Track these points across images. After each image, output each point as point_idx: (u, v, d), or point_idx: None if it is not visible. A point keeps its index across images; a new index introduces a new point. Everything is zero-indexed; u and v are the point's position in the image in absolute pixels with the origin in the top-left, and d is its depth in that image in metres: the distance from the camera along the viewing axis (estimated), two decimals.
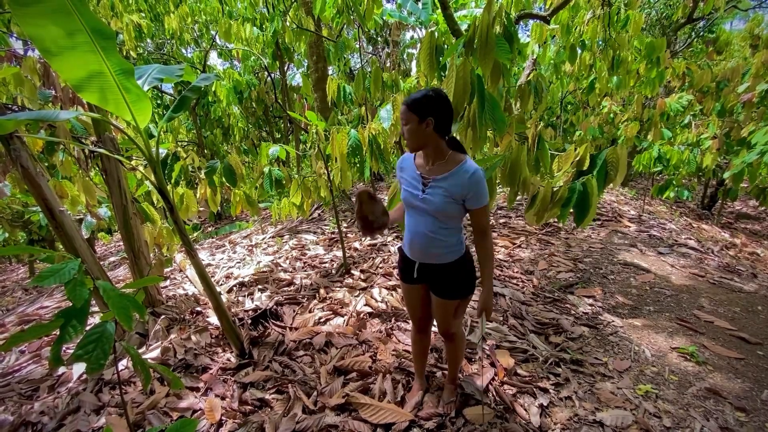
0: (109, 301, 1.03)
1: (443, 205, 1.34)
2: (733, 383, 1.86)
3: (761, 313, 2.46)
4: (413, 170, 1.41)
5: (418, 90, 1.33)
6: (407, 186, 1.43)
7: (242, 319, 2.53)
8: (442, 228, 1.39)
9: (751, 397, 1.78)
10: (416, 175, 1.40)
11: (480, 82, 1.73)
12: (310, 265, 3.61)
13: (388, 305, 2.66)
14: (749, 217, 7.50)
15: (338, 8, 3.81)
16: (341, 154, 2.38)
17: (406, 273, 1.57)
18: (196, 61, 7.24)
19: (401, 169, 1.47)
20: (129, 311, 1.08)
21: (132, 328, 1.39)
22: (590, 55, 4.83)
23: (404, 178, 1.45)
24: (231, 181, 2.96)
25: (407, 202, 1.44)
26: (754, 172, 4.53)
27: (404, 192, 1.44)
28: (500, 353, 2.08)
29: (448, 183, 1.32)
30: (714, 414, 1.69)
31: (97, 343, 1.08)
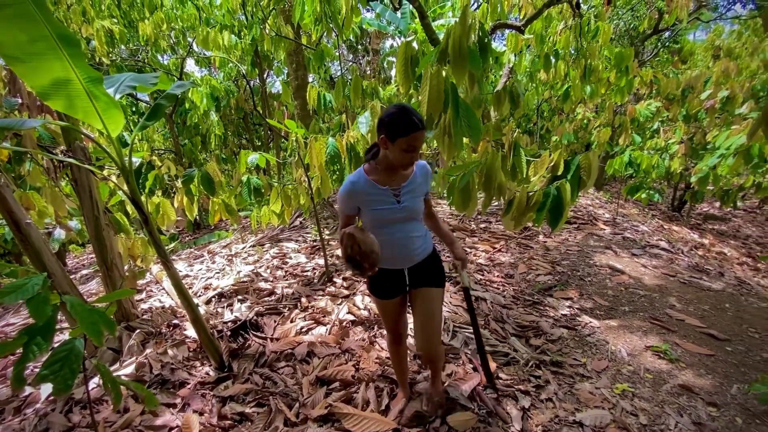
0: (77, 316, 0.99)
1: (419, 205, 1.47)
2: (705, 379, 1.93)
3: (728, 311, 2.56)
4: (378, 189, 1.41)
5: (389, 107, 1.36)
6: (379, 206, 1.41)
7: (221, 331, 2.46)
8: (419, 224, 1.52)
9: (722, 392, 1.85)
10: (384, 190, 1.41)
11: (454, 91, 1.77)
12: (292, 274, 3.56)
13: (370, 312, 2.65)
14: (716, 218, 7.86)
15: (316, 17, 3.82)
16: (319, 162, 2.37)
17: (390, 289, 1.55)
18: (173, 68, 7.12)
19: (363, 193, 1.41)
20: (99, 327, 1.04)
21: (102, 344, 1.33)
22: (563, 64, 4.99)
23: (370, 200, 1.41)
24: (209, 189, 2.91)
25: (384, 219, 1.43)
26: (716, 176, 4.75)
27: (377, 212, 1.42)
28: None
29: (415, 184, 1.45)
30: (687, 410, 1.75)
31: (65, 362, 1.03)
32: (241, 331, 2.51)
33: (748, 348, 2.17)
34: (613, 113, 6.58)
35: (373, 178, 1.42)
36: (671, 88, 6.23)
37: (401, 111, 1.29)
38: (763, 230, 7.37)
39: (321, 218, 5.20)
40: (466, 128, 1.85)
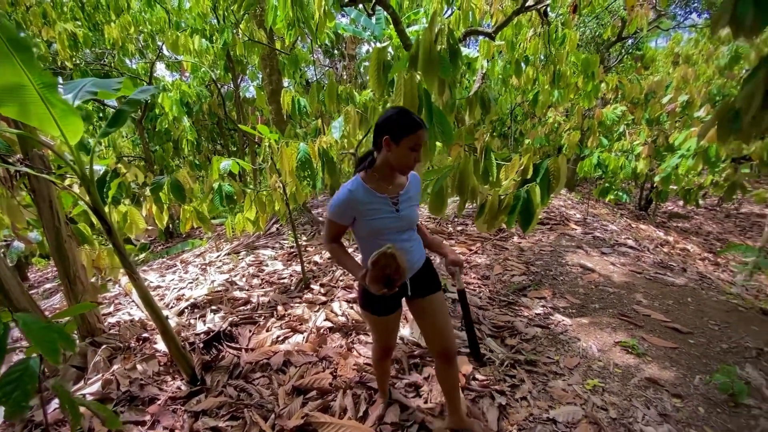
0: (31, 335, 0.94)
1: (415, 213, 1.45)
2: (669, 371, 2.01)
3: (691, 305, 2.69)
4: (376, 197, 1.36)
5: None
6: (378, 215, 1.36)
7: (193, 343, 2.39)
8: (414, 233, 1.50)
9: (686, 384, 1.93)
10: (383, 198, 1.37)
11: (427, 96, 1.79)
12: (268, 282, 3.50)
13: (348, 318, 2.63)
14: (680, 216, 8.24)
15: (289, 21, 3.80)
16: (290, 168, 2.35)
17: (391, 304, 1.48)
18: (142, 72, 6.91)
19: (361, 202, 1.34)
20: (55, 345, 0.99)
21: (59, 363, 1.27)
22: (533, 69, 5.14)
23: (369, 209, 1.35)
24: (179, 197, 2.83)
25: (385, 228, 1.37)
26: (678, 175, 4.99)
27: (376, 221, 1.35)
28: (459, 359, 2.12)
29: (411, 192, 1.44)
30: (654, 402, 1.81)
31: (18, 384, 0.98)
32: (214, 342, 2.45)
33: (709, 340, 2.28)
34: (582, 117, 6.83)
35: (371, 186, 1.36)
36: (635, 92, 6.51)
37: (403, 111, 1.29)
38: (722, 227, 7.78)
39: (298, 224, 5.14)
40: (439, 133, 1.88)
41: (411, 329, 2.45)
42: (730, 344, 2.23)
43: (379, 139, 1.31)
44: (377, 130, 1.32)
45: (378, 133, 1.32)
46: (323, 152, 2.40)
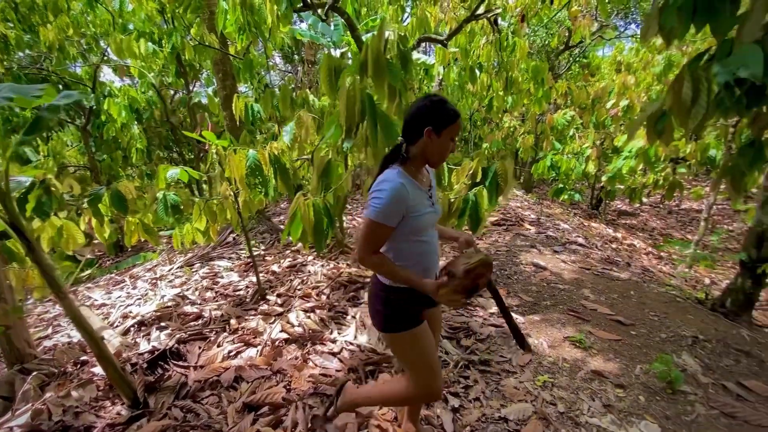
0: None
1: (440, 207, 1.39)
2: (613, 363, 2.10)
3: (633, 297, 2.84)
4: (420, 190, 1.27)
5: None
6: (423, 209, 1.25)
7: (136, 364, 2.24)
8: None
9: (628, 374, 2.03)
10: (424, 192, 1.28)
11: (371, 102, 1.79)
12: (223, 294, 3.36)
13: (305, 328, 2.57)
14: (628, 213, 8.76)
15: (240, 26, 3.70)
16: (239, 175, 2.27)
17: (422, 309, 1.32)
18: (86, 77, 6.50)
19: (412, 196, 1.21)
20: None
21: None
22: (486, 76, 5.31)
23: (417, 204, 1.23)
24: (121, 208, 2.66)
25: (428, 224, 1.28)
26: (622, 176, 5.31)
27: (422, 218, 1.24)
28: None
29: (434, 185, 1.39)
30: (598, 394, 1.89)
31: None
32: (159, 361, 2.31)
33: (650, 330, 2.41)
34: (536, 122, 7.13)
35: (412, 178, 1.26)
36: (582, 98, 6.88)
37: (441, 100, 1.22)
38: (665, 222, 8.34)
39: (256, 233, 5.00)
40: (385, 140, 1.88)
41: (369, 336, 2.42)
42: (669, 334, 2.37)
43: (416, 130, 1.22)
44: (413, 121, 1.22)
45: (416, 123, 1.22)
46: (274, 159, 2.33)
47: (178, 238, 3.05)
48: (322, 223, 1.91)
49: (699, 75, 1.31)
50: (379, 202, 1.16)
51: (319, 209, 1.92)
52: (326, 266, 3.60)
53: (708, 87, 1.29)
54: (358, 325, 2.55)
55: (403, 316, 1.28)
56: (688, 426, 1.70)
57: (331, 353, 2.30)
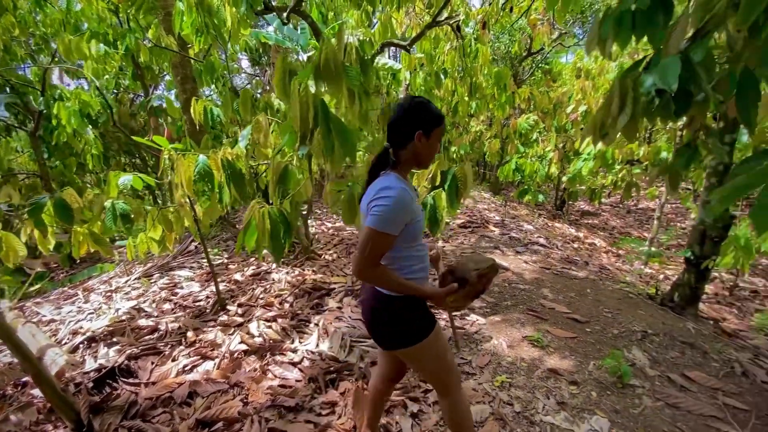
0: None
1: None
2: (568, 360, 2.16)
3: (589, 295, 2.95)
4: (414, 193, 1.24)
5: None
6: (420, 214, 1.23)
7: (80, 384, 2.11)
8: None
9: (581, 370, 2.09)
10: (415, 196, 1.25)
11: (324, 107, 1.77)
12: (181, 306, 3.23)
13: (265, 338, 2.50)
14: (590, 213, 9.12)
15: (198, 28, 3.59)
16: (187, 182, 2.19)
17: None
18: (36, 79, 6.12)
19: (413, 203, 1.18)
20: None
21: None
22: (451, 81, 5.40)
23: (416, 208, 1.21)
24: (66, 218, 2.51)
25: (422, 231, 1.26)
26: (582, 177, 5.53)
27: (419, 224, 1.22)
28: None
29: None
30: (553, 392, 1.93)
31: None
32: (108, 380, 2.18)
33: (603, 327, 2.50)
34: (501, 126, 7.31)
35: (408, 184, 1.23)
36: (544, 103, 7.13)
37: (424, 102, 1.20)
38: (624, 221, 8.74)
39: (220, 240, 4.85)
40: (339, 145, 1.86)
41: (331, 343, 2.39)
42: (620, 329, 2.46)
43: (405, 134, 1.19)
44: (402, 125, 1.20)
45: (404, 127, 1.19)
46: (227, 164, 2.26)
47: (132, 249, 2.91)
48: (278, 232, 1.87)
49: (627, 85, 1.38)
50: (384, 209, 1.10)
51: (275, 217, 1.87)
52: (291, 273, 3.53)
53: (634, 97, 1.36)
54: (320, 332, 2.51)
55: (423, 320, 1.22)
56: (635, 419, 1.77)
57: (292, 363, 2.25)
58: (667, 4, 1.43)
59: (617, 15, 1.48)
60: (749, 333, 3.03)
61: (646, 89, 1.24)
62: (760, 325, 2.89)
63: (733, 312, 3.58)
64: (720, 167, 2.80)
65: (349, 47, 2.31)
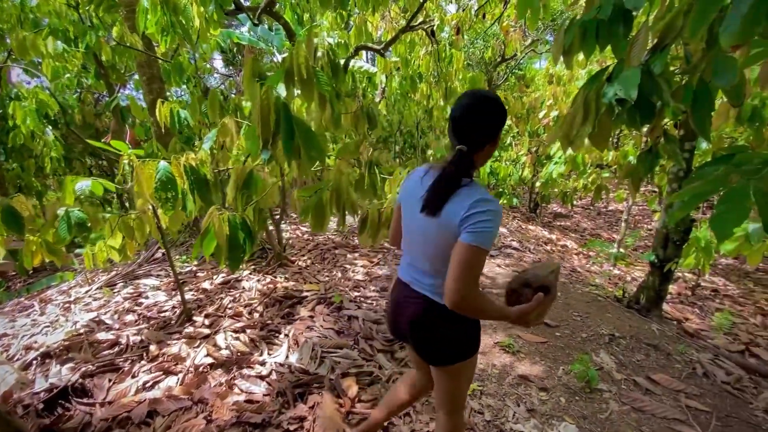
0: None
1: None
2: (538, 366, 2.18)
3: (560, 299, 2.99)
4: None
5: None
6: None
7: (29, 405, 1.96)
8: None
9: (551, 376, 2.11)
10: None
11: (286, 111, 1.71)
12: (145, 317, 3.08)
13: (233, 351, 2.41)
14: (563, 215, 9.35)
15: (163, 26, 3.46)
16: (148, 189, 2.09)
17: None
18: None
19: None
20: None
21: None
22: (426, 85, 5.42)
23: None
24: (15, 227, 2.35)
25: None
26: (554, 181, 5.66)
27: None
28: (347, 381, 2.05)
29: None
30: (523, 399, 1.94)
31: None
32: (60, 400, 2.04)
33: (573, 331, 2.54)
34: None
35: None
36: (518, 108, 7.26)
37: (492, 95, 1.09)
38: (595, 223, 9.00)
39: (189, 246, 4.68)
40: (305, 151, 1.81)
41: (300, 354, 2.32)
42: (589, 333, 2.51)
43: (489, 134, 1.09)
44: (488, 124, 1.08)
45: (488, 127, 1.09)
46: (190, 170, 2.17)
47: (89, 258, 2.76)
48: (237, 239, 1.79)
49: (590, 97, 1.40)
50: (492, 225, 1.00)
51: (235, 223, 1.80)
52: (262, 281, 3.44)
53: (596, 107, 1.38)
54: (290, 343, 2.44)
55: (477, 338, 1.20)
56: (602, 423, 1.79)
57: (259, 377, 2.17)
58: (626, 16, 1.46)
59: (581, 25, 1.50)
60: (710, 333, 3.15)
61: (608, 99, 1.26)
62: (719, 325, 3.01)
63: (695, 312, 3.72)
64: (680, 173, 2.90)
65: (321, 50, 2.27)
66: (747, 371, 2.35)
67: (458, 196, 1.05)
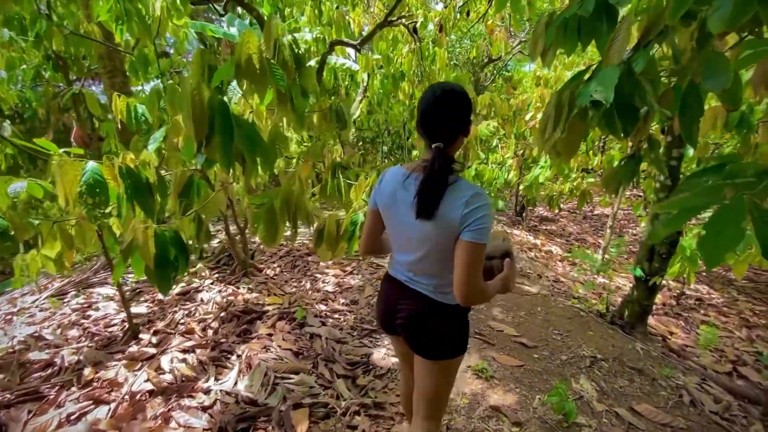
0: None
1: None
2: (513, 394, 1.98)
3: (540, 314, 2.81)
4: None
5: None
6: None
7: None
8: None
9: (525, 407, 1.91)
10: None
11: (222, 108, 1.48)
12: (91, 333, 2.80)
13: (176, 376, 2.16)
14: (549, 219, 9.24)
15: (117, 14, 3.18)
16: (72, 194, 1.82)
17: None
18: None
19: None
20: None
21: None
22: (409, 85, 5.21)
23: None
24: None
25: None
26: (539, 185, 5.51)
27: None
28: (298, 414, 1.82)
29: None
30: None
31: None
32: None
33: (551, 352, 2.35)
34: None
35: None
36: (504, 110, 7.10)
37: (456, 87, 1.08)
38: (581, 227, 8.92)
39: None
40: (250, 155, 1.57)
41: (251, 380, 2.08)
42: (569, 355, 2.32)
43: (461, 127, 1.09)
44: (458, 117, 1.07)
45: (459, 120, 1.08)
46: (127, 173, 1.91)
47: (19, 269, 2.47)
48: (167, 256, 1.55)
49: (563, 100, 1.21)
50: (488, 220, 1.03)
51: (164, 238, 1.56)
52: (224, 292, 3.18)
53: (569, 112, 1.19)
54: (242, 367, 2.20)
55: (468, 332, 1.25)
56: None
57: (201, 407, 1.93)
58: (610, 11, 1.28)
59: (560, 23, 1.33)
60: (696, 349, 3.00)
61: (581, 102, 1.06)
62: (705, 342, 2.86)
63: (680, 324, 3.58)
64: (668, 182, 2.74)
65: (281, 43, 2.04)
66: (735, 396, 2.20)
67: (450, 194, 1.05)
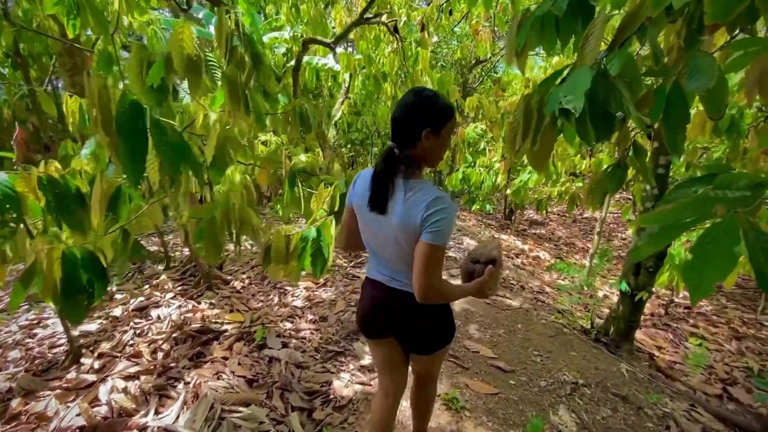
0: None
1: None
2: (484, 429, 1.78)
3: (519, 332, 2.62)
4: None
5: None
6: None
7: None
8: None
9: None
10: None
11: (133, 109, 1.27)
12: (33, 355, 2.56)
13: (113, 409, 1.93)
14: (538, 223, 9.12)
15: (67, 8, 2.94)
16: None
17: None
18: None
19: None
20: None
21: None
22: (391, 86, 5.02)
23: None
24: None
25: None
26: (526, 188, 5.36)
27: None
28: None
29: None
30: None
31: None
32: None
33: (530, 378, 2.17)
34: None
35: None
36: (493, 112, 6.95)
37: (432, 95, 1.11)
38: (570, 231, 8.81)
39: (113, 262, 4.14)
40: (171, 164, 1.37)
41: (193, 414, 1.86)
42: (549, 380, 2.14)
43: (413, 133, 1.10)
44: (409, 123, 1.10)
45: (411, 125, 1.10)
46: (50, 184, 1.69)
47: None
48: (77, 281, 1.34)
49: (532, 106, 1.02)
50: (447, 222, 1.06)
51: (73, 260, 1.35)
52: (184, 307, 2.95)
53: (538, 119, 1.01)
54: (187, 398, 1.98)
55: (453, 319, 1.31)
56: None
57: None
58: (585, 8, 1.12)
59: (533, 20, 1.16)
60: (685, 366, 2.85)
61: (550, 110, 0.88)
62: (695, 361, 2.70)
63: (668, 338, 3.43)
64: (655, 191, 2.58)
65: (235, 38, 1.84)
66: (726, 424, 2.03)
67: (414, 196, 1.08)
